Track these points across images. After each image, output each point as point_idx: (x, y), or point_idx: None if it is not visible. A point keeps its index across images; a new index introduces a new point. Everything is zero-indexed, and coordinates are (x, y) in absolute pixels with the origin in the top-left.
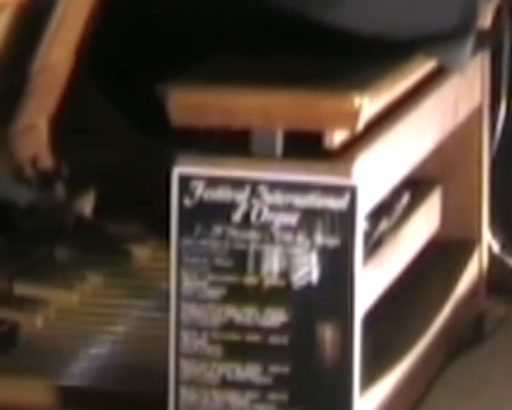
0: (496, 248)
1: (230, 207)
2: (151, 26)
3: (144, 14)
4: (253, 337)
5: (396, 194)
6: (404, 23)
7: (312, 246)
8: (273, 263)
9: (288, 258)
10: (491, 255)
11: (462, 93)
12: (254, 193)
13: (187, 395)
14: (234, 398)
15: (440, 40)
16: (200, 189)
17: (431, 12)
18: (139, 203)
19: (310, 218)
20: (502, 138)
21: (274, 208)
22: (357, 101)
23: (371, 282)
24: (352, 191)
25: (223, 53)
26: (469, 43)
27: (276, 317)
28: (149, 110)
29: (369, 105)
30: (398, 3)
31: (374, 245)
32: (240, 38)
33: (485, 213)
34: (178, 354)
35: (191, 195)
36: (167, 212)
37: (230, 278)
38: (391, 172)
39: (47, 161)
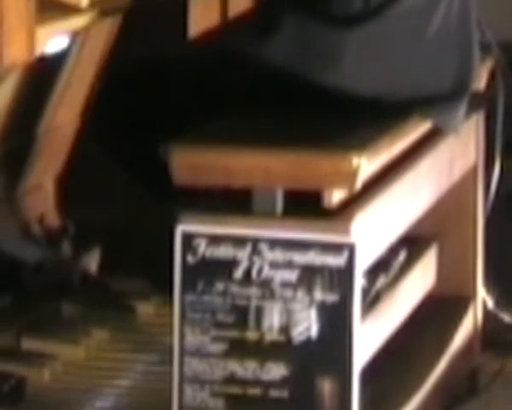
0: (490, 303)
1: (232, 264)
2: (153, 89)
3: (146, 80)
4: (254, 391)
5: (393, 251)
6: (400, 86)
7: (312, 302)
8: (273, 318)
9: (288, 313)
10: (486, 311)
11: (457, 153)
12: (255, 250)
13: None
14: None
15: (435, 102)
16: (202, 246)
17: (426, 75)
18: (143, 260)
19: (309, 274)
20: (496, 197)
21: (274, 265)
22: (355, 161)
23: (369, 337)
24: (351, 249)
25: (223, 114)
26: (463, 106)
27: (276, 371)
28: (153, 170)
29: (366, 165)
30: (395, 67)
31: (371, 301)
32: (240, 99)
33: (480, 270)
34: (181, 407)
35: (194, 252)
36: (170, 269)
37: (232, 333)
38: (388, 229)
39: (53, 219)
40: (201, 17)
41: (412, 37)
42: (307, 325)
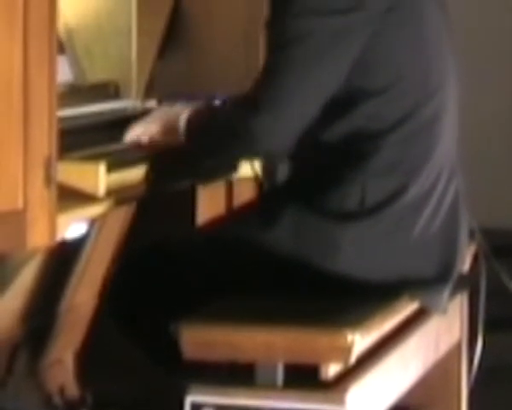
0: None
1: None
2: (163, 271)
3: (157, 263)
4: None
5: None
6: (391, 271)
7: None
8: None
9: None
10: None
11: (442, 330)
12: None
13: None
14: None
15: (423, 285)
16: None
17: (415, 262)
18: None
19: None
20: (479, 371)
21: None
22: (349, 337)
23: None
24: None
25: (229, 295)
26: (449, 288)
27: None
28: (163, 346)
29: (360, 341)
30: (387, 255)
31: None
32: (244, 281)
33: None
34: None
35: None
36: None
37: None
38: (380, 400)
39: (73, 390)
40: (208, 206)
41: (403, 230)
42: None
